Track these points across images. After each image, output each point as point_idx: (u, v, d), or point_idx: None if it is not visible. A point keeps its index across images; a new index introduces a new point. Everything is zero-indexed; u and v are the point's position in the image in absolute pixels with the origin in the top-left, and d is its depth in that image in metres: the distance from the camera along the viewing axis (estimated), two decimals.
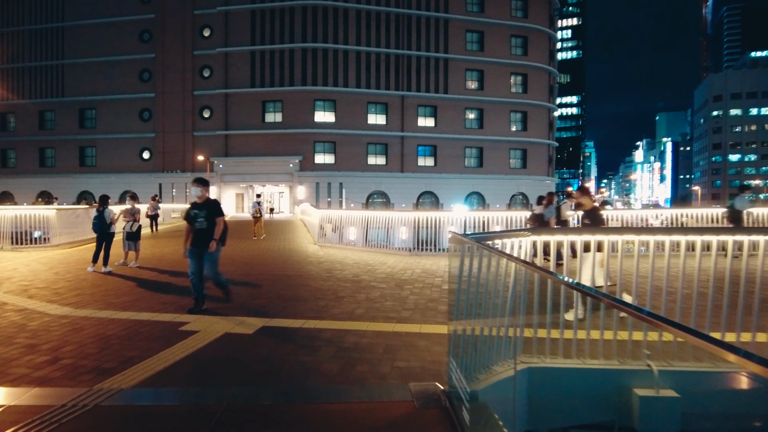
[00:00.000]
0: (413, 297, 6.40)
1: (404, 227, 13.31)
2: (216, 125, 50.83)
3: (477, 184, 52.27)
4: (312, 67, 49.61)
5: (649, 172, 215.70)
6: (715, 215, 12.95)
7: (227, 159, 50.41)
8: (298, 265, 10.10)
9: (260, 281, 7.99)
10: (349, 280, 7.92)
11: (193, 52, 51.21)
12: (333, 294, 6.73)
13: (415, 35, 51.04)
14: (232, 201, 51.98)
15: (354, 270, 9.20)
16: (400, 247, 12.84)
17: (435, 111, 51.84)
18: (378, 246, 13.40)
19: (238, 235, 19.84)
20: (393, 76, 50.79)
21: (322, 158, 50.29)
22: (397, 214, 13.66)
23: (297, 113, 49.71)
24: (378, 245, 13.41)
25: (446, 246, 13.84)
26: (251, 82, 50.20)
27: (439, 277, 8.22)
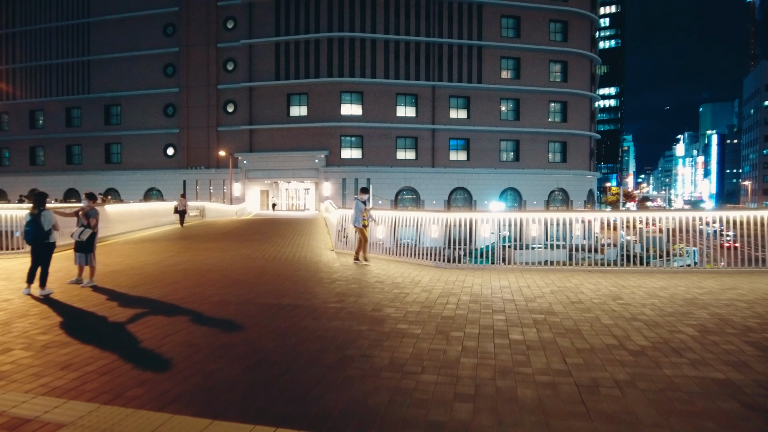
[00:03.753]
0: (469, 361, 3.92)
1: (435, 226, 10.88)
2: (240, 120, 49.23)
3: (513, 180, 49.09)
4: (338, 58, 47.37)
5: (692, 167, 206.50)
6: None
7: (251, 155, 48.75)
8: (302, 286, 7.68)
9: (237, 317, 5.58)
10: (368, 318, 5.44)
11: (217, 44, 49.69)
12: (337, 352, 4.27)
13: (447, 22, 48.12)
14: (256, 197, 50.31)
15: (376, 296, 6.71)
16: (432, 247, 10.38)
17: (468, 102, 48.84)
18: (407, 254, 10.94)
19: (257, 237, 17.68)
20: (423, 65, 48.03)
21: (349, 153, 48.05)
22: (428, 215, 11.18)
23: (323, 106, 47.60)
24: (407, 253, 10.95)
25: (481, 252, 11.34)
26: (276, 75, 48.34)
27: (500, 313, 5.72)
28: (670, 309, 5.89)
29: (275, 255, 11.68)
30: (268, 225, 24.59)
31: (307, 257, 11.32)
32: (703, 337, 4.67)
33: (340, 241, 13.65)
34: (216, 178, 50.09)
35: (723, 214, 10.40)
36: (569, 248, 10.51)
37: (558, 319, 5.41)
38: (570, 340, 4.58)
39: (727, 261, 11.67)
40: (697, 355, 4.16)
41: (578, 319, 5.37)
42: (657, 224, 10.42)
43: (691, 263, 12.80)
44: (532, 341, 4.58)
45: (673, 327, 5.04)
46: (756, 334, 4.77)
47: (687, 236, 10.37)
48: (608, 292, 7.05)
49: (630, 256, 10.13)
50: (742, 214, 10.01)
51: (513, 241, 10.49)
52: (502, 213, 10.83)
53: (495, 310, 5.87)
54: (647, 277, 8.45)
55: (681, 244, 12.25)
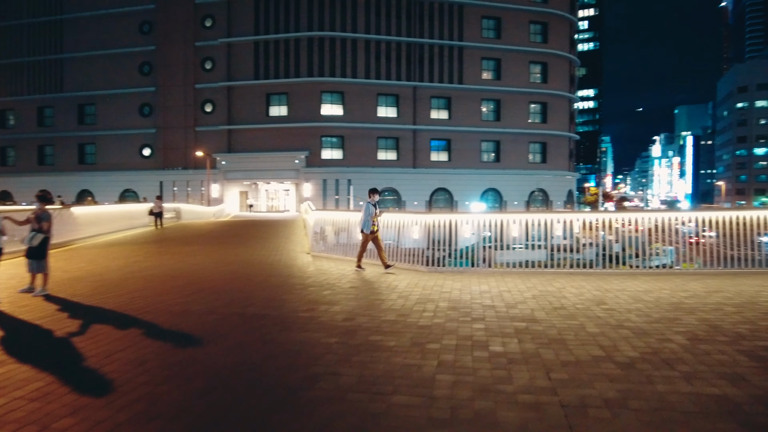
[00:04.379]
0: (445, 378, 3.55)
1: (416, 229, 10.62)
2: (219, 120, 48.36)
3: (494, 180, 49.15)
4: (319, 58, 46.87)
5: (668, 167, 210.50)
6: None
7: (230, 155, 47.93)
8: (273, 293, 7.26)
9: (196, 330, 5.15)
10: (338, 329, 5.06)
11: (195, 43, 48.73)
12: (303, 369, 3.90)
13: (428, 22, 47.98)
14: (236, 199, 49.45)
15: (349, 303, 6.33)
16: (413, 249, 10.07)
17: (449, 103, 48.77)
18: (391, 258, 10.57)
19: (232, 239, 17.15)
20: (404, 65, 47.81)
21: (330, 153, 47.56)
22: (409, 217, 10.86)
23: (303, 106, 47.04)
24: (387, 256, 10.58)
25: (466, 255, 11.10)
26: (255, 74, 47.61)
27: (480, 321, 5.33)
28: (656, 314, 5.63)
29: (248, 259, 11.21)
30: (246, 227, 24.03)
31: (281, 261, 10.87)
32: (693, 347, 4.40)
33: (317, 244, 13.24)
34: (194, 179, 49.09)
35: (699, 214, 10.40)
36: (549, 248, 10.43)
37: (541, 327, 5.10)
38: (554, 352, 4.26)
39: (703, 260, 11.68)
40: (690, 367, 3.88)
41: (562, 328, 5.07)
42: (635, 224, 10.36)
43: (668, 262, 12.92)
44: (513, 353, 4.25)
45: (662, 335, 4.77)
46: (748, 342, 4.52)
47: (664, 236, 10.25)
48: (592, 296, 6.79)
49: (609, 255, 10.12)
50: (718, 214, 9.92)
51: (494, 242, 10.44)
52: (483, 214, 10.64)
53: (474, 317, 5.53)
54: (630, 280, 8.23)
55: (658, 243, 12.27)
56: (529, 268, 9.62)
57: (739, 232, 9.40)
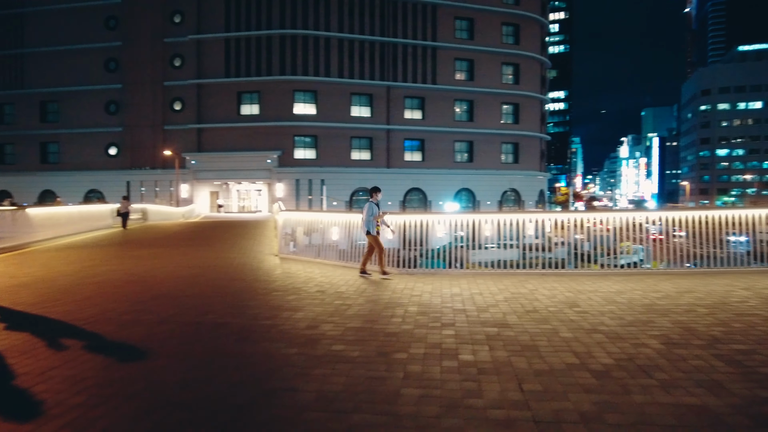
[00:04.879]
0: (411, 393, 3.28)
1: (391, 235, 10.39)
2: (188, 118, 47.18)
3: (467, 180, 49.36)
4: (291, 56, 46.21)
5: (635, 168, 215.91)
6: None
7: (200, 155, 46.83)
8: (234, 298, 6.88)
9: (146, 341, 4.75)
10: (300, 338, 4.74)
11: (164, 39, 47.45)
12: (257, 385, 3.58)
13: (402, 22, 47.87)
14: (206, 199, 48.36)
15: (314, 309, 6.00)
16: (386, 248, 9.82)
17: (423, 103, 48.76)
18: (358, 259, 10.32)
19: (199, 241, 16.57)
20: (378, 65, 47.57)
21: (303, 153, 46.97)
22: (384, 218, 10.57)
23: (275, 105, 46.30)
24: (358, 258, 10.33)
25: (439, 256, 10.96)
26: (226, 72, 46.63)
27: (450, 327, 5.05)
28: (630, 317, 5.50)
29: (213, 262, 10.75)
30: (214, 228, 23.39)
31: (247, 264, 10.46)
32: (669, 351, 4.25)
33: (287, 245, 12.86)
34: (162, 179, 47.78)
35: (665, 214, 10.52)
36: (522, 248, 10.42)
37: (513, 333, 4.89)
38: (526, 360, 4.05)
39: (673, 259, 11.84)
40: (667, 374, 3.71)
41: (534, 333, 4.87)
42: (605, 224, 10.43)
43: (636, 260, 13.20)
44: (484, 363, 4.02)
45: (637, 339, 4.61)
46: (723, 346, 4.40)
47: (632, 234, 10.31)
48: (564, 298, 6.64)
49: (579, 254, 10.20)
50: (683, 214, 9.99)
51: (467, 242, 10.40)
52: (457, 214, 10.52)
53: (445, 323, 5.29)
54: (602, 281, 8.15)
55: (627, 242, 12.43)
56: (501, 269, 9.49)
57: (706, 231, 9.45)
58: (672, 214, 10.36)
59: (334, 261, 10.81)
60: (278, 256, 11.93)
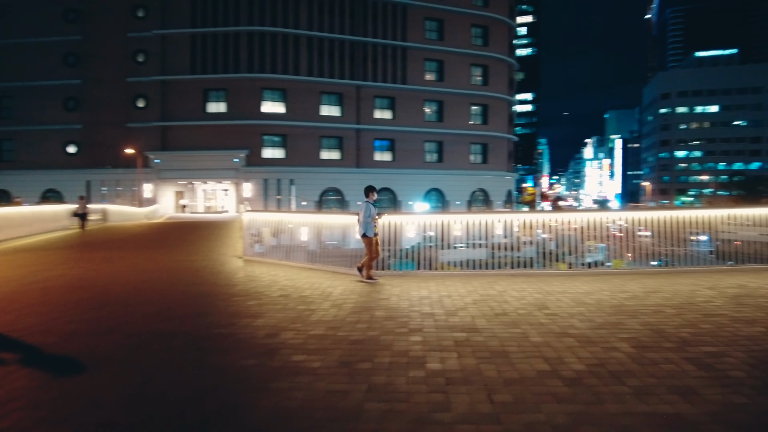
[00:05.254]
0: (374, 408, 3.05)
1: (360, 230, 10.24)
2: (152, 116, 45.77)
3: (437, 180, 49.55)
4: (259, 53, 45.41)
5: (599, 169, 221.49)
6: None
7: (165, 153, 45.51)
8: (190, 304, 6.50)
9: (89, 354, 4.34)
10: (258, 348, 4.44)
11: (126, 34, 45.89)
12: (208, 403, 3.28)
13: (372, 21, 47.66)
14: (171, 199, 46.99)
15: (275, 315, 5.69)
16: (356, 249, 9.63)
17: (393, 103, 48.68)
18: (327, 261, 10.06)
19: (160, 243, 15.93)
20: (348, 64, 47.23)
21: (271, 153, 46.21)
22: (354, 219, 10.42)
23: (243, 103, 45.40)
24: (326, 261, 10.08)
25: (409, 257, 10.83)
26: (192, 69, 45.45)
27: (417, 333, 4.80)
28: (599, 319, 5.42)
29: (171, 265, 10.28)
30: (178, 229, 22.66)
31: (208, 267, 10.03)
32: (640, 355, 4.15)
33: (252, 247, 12.46)
34: (125, 178, 46.23)
35: (628, 214, 10.68)
36: (491, 247, 10.48)
37: (482, 338, 4.72)
38: (496, 368, 3.87)
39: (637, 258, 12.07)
40: (639, 380, 3.59)
41: (504, 338, 4.71)
42: (570, 223, 10.55)
43: (600, 258, 13.55)
44: (452, 371, 3.82)
45: (607, 343, 4.51)
46: (693, 348, 4.33)
47: (596, 233, 10.41)
48: (533, 300, 6.54)
49: (546, 253, 10.32)
50: (647, 214, 10.13)
51: (437, 242, 10.36)
52: (427, 215, 10.45)
53: (412, 328, 5.08)
54: (571, 281, 8.11)
55: (591, 241, 12.61)
56: (471, 269, 9.40)
57: (669, 231, 9.57)
58: (634, 214, 10.51)
59: (300, 263, 10.50)
60: (242, 258, 11.53)
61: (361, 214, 8.70)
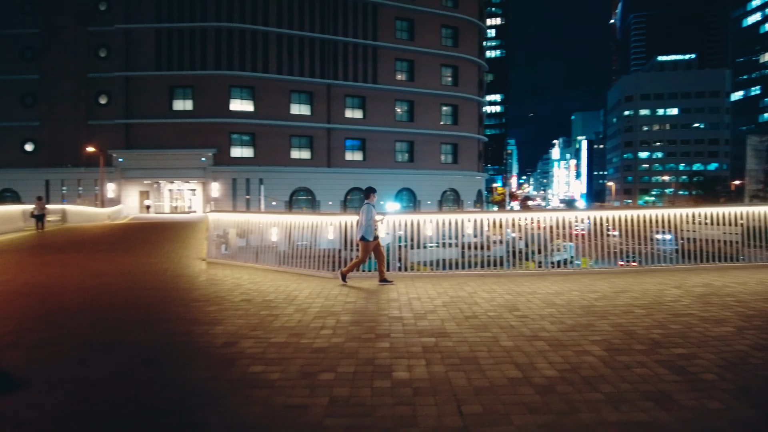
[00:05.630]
0: (336, 424, 2.80)
1: (331, 230, 10.13)
2: (115, 113, 44.26)
3: (408, 180, 49.54)
4: (227, 50, 44.47)
5: (566, 169, 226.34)
6: None
7: (129, 152, 44.08)
8: (145, 311, 6.12)
9: (22, 368, 4.02)
10: (214, 358, 4.14)
11: (88, 28, 44.28)
12: (152, 420, 3.00)
13: (342, 20, 47.29)
14: (135, 199, 45.55)
15: (235, 322, 5.39)
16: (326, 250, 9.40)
17: (363, 102, 48.43)
18: (295, 263, 9.76)
19: (121, 245, 15.27)
20: (318, 62, 46.72)
21: (240, 151, 45.33)
22: (324, 218, 10.20)
23: (210, 101, 44.37)
24: (294, 263, 9.78)
25: None
26: (157, 65, 44.16)
27: (384, 339, 4.56)
28: (570, 321, 5.32)
29: (130, 269, 9.80)
30: (141, 230, 21.89)
31: (169, 270, 9.59)
32: (612, 359, 4.04)
33: (217, 249, 12.04)
34: (86, 178, 44.61)
35: (595, 213, 10.76)
36: (461, 246, 10.43)
37: (451, 342, 4.55)
38: (466, 376, 3.70)
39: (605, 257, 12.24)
40: (613, 386, 3.47)
41: (474, 342, 4.55)
42: (539, 223, 10.62)
43: (567, 257, 13.71)
44: (420, 381, 3.62)
45: (579, 346, 4.40)
46: (665, 350, 4.25)
47: (563, 232, 10.48)
48: (504, 301, 6.42)
49: (516, 252, 10.40)
50: (613, 213, 10.19)
51: (408, 241, 10.28)
52: (398, 215, 10.37)
53: (379, 334, 4.87)
54: (540, 282, 8.05)
55: (559, 240, 12.75)
56: (441, 270, 9.27)
57: (633, 229, 9.66)
58: (600, 213, 10.58)
59: (267, 265, 10.17)
60: (206, 260, 11.10)
61: (361, 216, 8.27)
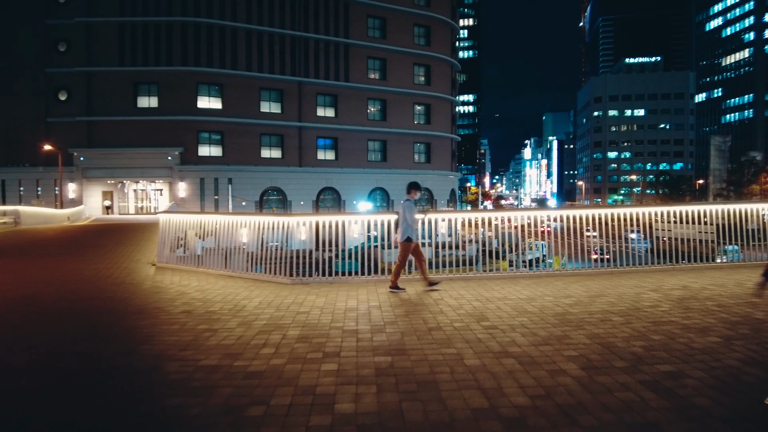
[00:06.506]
0: None
1: (303, 230, 9.65)
2: (76, 110, 42.37)
3: (381, 180, 49.00)
4: (195, 45, 43.10)
5: (537, 169, 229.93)
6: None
7: (91, 151, 42.26)
8: (69, 327, 5.36)
9: None
10: (129, 388, 3.48)
11: (46, 21, 42.21)
12: None
13: (313, 16, 46.41)
14: (98, 200, 43.74)
15: (167, 339, 4.71)
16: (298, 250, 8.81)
17: (335, 100, 47.65)
18: (253, 267, 9.08)
19: (70, 249, 14.25)
20: (289, 59, 45.74)
21: (208, 150, 43.99)
22: (296, 219, 9.64)
23: (177, 98, 42.91)
24: (252, 267, 9.10)
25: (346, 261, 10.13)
26: (120, 60, 42.46)
27: (333, 359, 3.93)
28: (543, 332, 4.83)
29: (71, 275, 8.93)
30: (99, 232, 20.74)
31: (113, 277, 8.77)
32: (591, 380, 3.54)
33: (172, 252, 11.23)
34: (46, 177, 42.61)
35: (566, 212, 10.51)
36: (434, 246, 10.22)
37: (409, 362, 3.98)
38: (422, 407, 3.13)
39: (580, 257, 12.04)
40: (594, 418, 2.96)
41: (435, 361, 3.99)
42: (512, 222, 10.32)
43: (539, 255, 13.65)
44: (367, 415, 3.03)
45: (553, 363, 3.89)
46: (648, 368, 3.78)
47: (535, 231, 10.17)
48: (471, 309, 5.91)
49: (489, 251, 10.28)
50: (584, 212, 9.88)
51: (381, 241, 9.86)
52: (372, 214, 9.98)
53: (328, 352, 4.26)
54: (512, 285, 7.58)
55: (531, 238, 12.54)
56: (409, 274, 8.73)
57: (605, 228, 9.34)
58: (572, 212, 10.29)
59: (220, 270, 9.44)
60: (156, 265, 10.30)
61: (406, 214, 7.46)
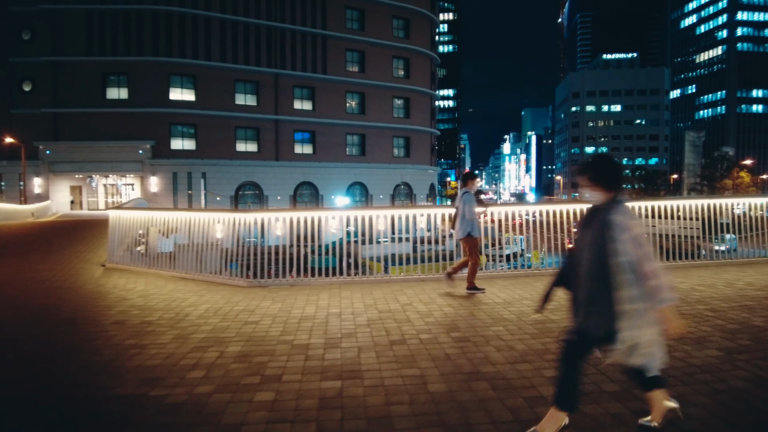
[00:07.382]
0: None
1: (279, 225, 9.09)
2: (41, 101, 40.60)
3: (360, 174, 48.29)
4: (166, 35, 41.66)
5: (516, 164, 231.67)
6: None
7: (57, 144, 40.59)
8: None
9: None
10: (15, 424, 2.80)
11: (9, 8, 40.23)
12: None
13: (290, 7, 45.31)
14: (66, 195, 42.12)
15: (84, 359, 4.00)
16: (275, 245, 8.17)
17: (313, 93, 46.68)
18: (210, 268, 8.38)
19: (21, 248, 13.26)
20: (265, 51, 44.59)
21: (181, 143, 42.66)
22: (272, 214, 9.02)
23: (148, 89, 41.44)
24: (212, 269, 8.39)
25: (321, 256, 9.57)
26: (88, 50, 40.78)
27: (272, 384, 3.30)
28: (521, 345, 4.23)
29: (7, 278, 8.08)
30: (60, 229, 19.67)
31: (52, 279, 7.96)
32: (579, 411, 2.98)
33: (128, 251, 10.41)
34: (9, 172, 40.82)
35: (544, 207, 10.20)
36: (413, 241, 10.12)
37: (362, 389, 3.31)
38: None
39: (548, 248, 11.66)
40: None
41: (393, 387, 3.31)
42: (490, 216, 9.99)
43: (518, 250, 13.29)
44: None
45: (533, 388, 3.26)
46: (642, 392, 3.24)
47: (514, 225, 9.78)
48: (441, 316, 5.32)
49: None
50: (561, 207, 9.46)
51: (360, 236, 9.46)
52: (350, 210, 9.56)
53: (267, 375, 3.58)
54: (488, 287, 7.01)
55: (509, 233, 12.23)
56: (382, 275, 8.16)
57: None
58: (549, 207, 9.87)
59: (174, 271, 8.68)
60: (105, 266, 9.49)
61: (465, 207, 6.68)
